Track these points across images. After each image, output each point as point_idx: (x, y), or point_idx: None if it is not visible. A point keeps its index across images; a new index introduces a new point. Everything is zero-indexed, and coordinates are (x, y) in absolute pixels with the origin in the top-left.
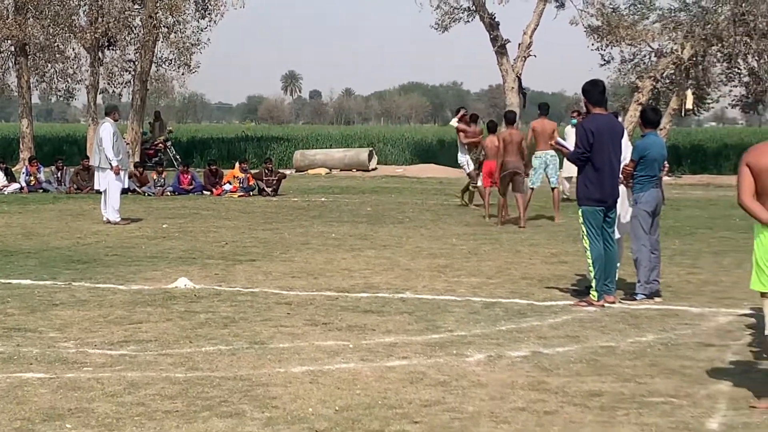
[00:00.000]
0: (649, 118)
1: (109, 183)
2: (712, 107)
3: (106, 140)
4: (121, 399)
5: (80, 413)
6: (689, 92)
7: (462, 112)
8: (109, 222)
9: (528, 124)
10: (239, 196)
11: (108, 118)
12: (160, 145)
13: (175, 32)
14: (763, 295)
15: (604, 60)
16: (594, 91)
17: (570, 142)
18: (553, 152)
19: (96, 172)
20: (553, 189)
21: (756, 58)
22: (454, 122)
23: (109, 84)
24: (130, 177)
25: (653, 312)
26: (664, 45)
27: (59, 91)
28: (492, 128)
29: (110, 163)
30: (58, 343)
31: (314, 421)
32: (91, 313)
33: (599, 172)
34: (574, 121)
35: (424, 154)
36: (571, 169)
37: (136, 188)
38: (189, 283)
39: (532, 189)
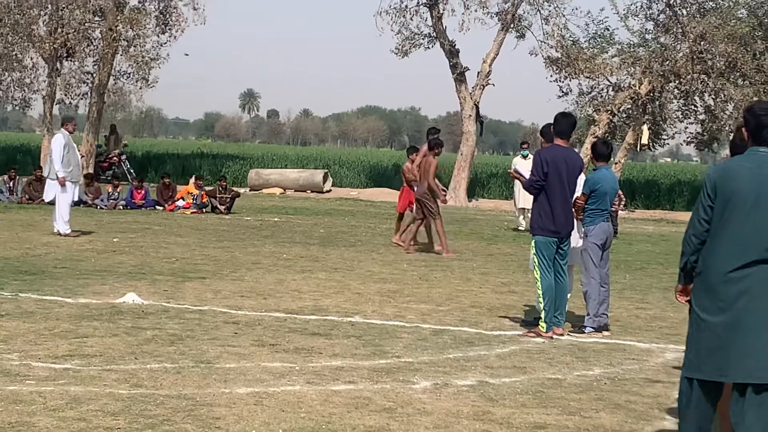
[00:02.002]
0: (600, 152)
1: (57, 194)
2: (668, 143)
3: (55, 151)
4: (63, 414)
5: (20, 427)
6: (645, 127)
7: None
8: (59, 234)
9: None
10: (192, 213)
11: (62, 129)
12: (115, 158)
13: (134, 46)
14: None
15: (563, 92)
16: (563, 122)
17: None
18: None
19: (47, 183)
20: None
21: (712, 96)
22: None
23: (66, 95)
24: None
25: (601, 346)
26: (622, 79)
27: (15, 100)
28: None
29: (57, 174)
30: (2, 354)
31: None
32: (36, 326)
33: (553, 203)
34: (526, 152)
35: (379, 178)
36: (526, 201)
37: (88, 201)
38: (137, 298)
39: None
